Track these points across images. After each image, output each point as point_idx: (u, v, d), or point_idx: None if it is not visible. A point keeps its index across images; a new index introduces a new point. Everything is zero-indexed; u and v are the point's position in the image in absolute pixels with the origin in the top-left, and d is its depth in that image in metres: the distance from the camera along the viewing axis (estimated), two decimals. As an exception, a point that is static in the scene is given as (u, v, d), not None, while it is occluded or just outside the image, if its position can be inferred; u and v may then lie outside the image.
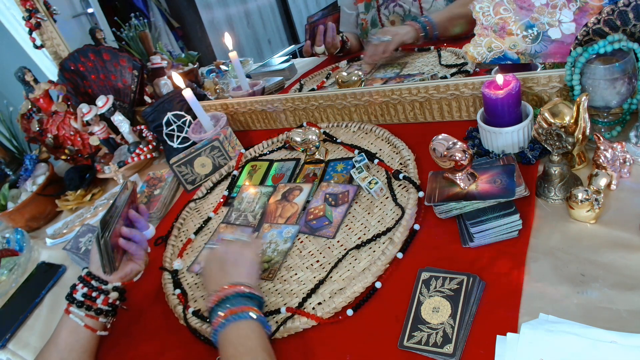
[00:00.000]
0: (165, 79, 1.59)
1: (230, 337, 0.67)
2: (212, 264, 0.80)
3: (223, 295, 0.72)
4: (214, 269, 0.79)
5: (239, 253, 0.80)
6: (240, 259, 0.79)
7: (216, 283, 0.75)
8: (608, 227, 0.68)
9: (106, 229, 0.80)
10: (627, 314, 0.57)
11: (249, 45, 1.98)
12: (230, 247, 0.82)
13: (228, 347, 0.67)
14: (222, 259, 0.80)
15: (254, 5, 2.00)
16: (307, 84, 1.47)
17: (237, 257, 0.79)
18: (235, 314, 0.69)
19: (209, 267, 0.81)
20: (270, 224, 0.96)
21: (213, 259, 0.81)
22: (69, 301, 0.81)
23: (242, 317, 0.68)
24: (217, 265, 0.79)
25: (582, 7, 0.84)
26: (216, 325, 0.69)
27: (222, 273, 0.77)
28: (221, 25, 1.99)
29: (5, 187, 1.43)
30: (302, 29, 1.89)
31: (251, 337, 0.66)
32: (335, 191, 0.95)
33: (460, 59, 1.21)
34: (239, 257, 0.79)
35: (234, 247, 0.82)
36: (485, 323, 0.63)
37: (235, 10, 2.03)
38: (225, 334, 0.68)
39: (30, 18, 1.54)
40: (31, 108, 1.51)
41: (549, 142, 0.73)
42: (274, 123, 1.32)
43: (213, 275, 0.78)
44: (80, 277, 0.83)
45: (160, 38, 1.94)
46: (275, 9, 1.94)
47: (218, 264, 0.79)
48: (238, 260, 0.79)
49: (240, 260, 0.79)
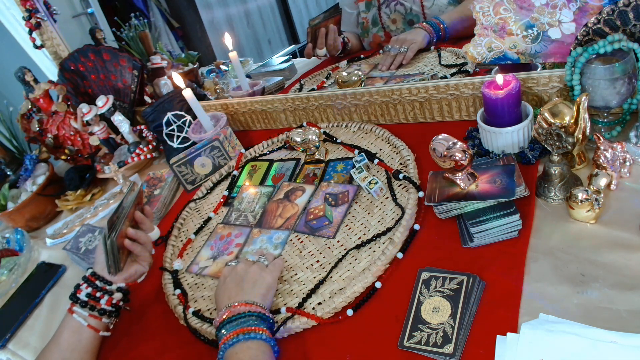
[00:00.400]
0: (165, 79, 1.59)
1: (239, 356, 0.66)
2: (230, 280, 0.79)
3: (236, 312, 0.71)
4: (230, 284, 0.78)
5: (259, 274, 0.79)
6: (259, 280, 0.78)
7: (229, 298, 0.74)
8: (608, 227, 0.68)
9: (113, 229, 0.81)
10: (627, 314, 0.57)
11: (249, 45, 1.98)
12: (252, 268, 0.80)
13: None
14: (240, 277, 0.78)
15: (254, 5, 2.00)
16: (307, 84, 1.47)
17: (257, 278, 0.78)
18: (247, 333, 0.68)
19: (225, 281, 0.79)
20: (260, 229, 0.96)
21: (232, 274, 0.80)
22: (73, 301, 0.81)
23: (254, 337, 0.67)
24: (234, 281, 0.78)
25: (582, 7, 0.84)
26: (226, 340, 0.68)
27: (238, 290, 0.76)
28: (221, 25, 1.99)
29: (5, 187, 1.43)
30: (302, 29, 1.89)
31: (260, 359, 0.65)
32: (335, 191, 0.95)
33: (460, 59, 1.21)
34: (258, 279, 0.78)
35: (255, 268, 0.80)
36: (485, 323, 0.63)
37: (235, 10, 2.03)
38: (235, 352, 0.66)
39: (30, 18, 1.54)
40: (31, 108, 1.51)
41: (549, 142, 0.73)
42: (274, 123, 1.32)
43: (227, 290, 0.77)
44: (85, 277, 0.83)
45: (160, 38, 1.94)
46: (275, 9, 1.94)
47: (236, 280, 0.78)
48: (257, 281, 0.77)
49: (259, 282, 0.77)
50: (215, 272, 0.91)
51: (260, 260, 0.83)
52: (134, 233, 0.85)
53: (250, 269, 0.80)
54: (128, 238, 0.84)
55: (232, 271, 0.80)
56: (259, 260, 0.83)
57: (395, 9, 1.43)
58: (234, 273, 0.80)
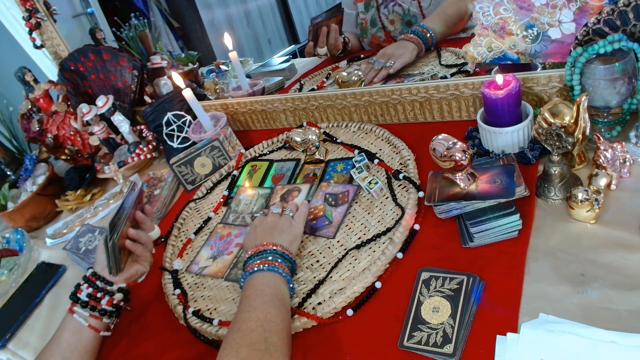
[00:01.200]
0: (165, 79, 1.59)
1: (254, 282, 0.72)
2: (260, 227, 0.84)
3: (262, 249, 0.77)
4: (259, 230, 0.84)
5: (287, 226, 0.84)
6: (287, 230, 0.83)
7: (259, 239, 0.81)
8: (608, 227, 0.68)
9: (114, 230, 0.81)
10: (627, 314, 0.57)
11: (249, 45, 1.98)
12: (281, 220, 0.85)
13: (248, 288, 0.71)
14: (271, 227, 0.84)
15: (254, 5, 2.00)
16: (307, 84, 1.47)
17: (285, 229, 0.83)
18: (267, 265, 0.74)
19: (256, 230, 0.85)
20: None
21: (263, 224, 0.85)
22: (73, 301, 0.81)
23: (272, 269, 0.74)
24: (264, 229, 0.83)
25: (582, 7, 0.84)
26: (247, 270, 0.75)
27: (267, 235, 0.81)
28: (221, 25, 1.99)
29: (5, 187, 1.43)
30: (302, 29, 1.89)
31: (271, 286, 0.71)
32: (335, 191, 0.95)
33: (460, 59, 1.21)
34: (286, 229, 0.83)
35: (284, 220, 0.85)
36: (485, 323, 0.63)
37: (235, 10, 2.03)
38: (251, 279, 0.73)
39: (30, 18, 1.54)
40: (31, 108, 1.51)
41: (549, 142, 0.73)
42: (274, 123, 1.32)
43: (258, 235, 0.83)
44: (85, 277, 0.83)
45: (160, 38, 1.94)
46: (275, 9, 1.94)
47: (266, 229, 0.83)
48: (285, 231, 0.83)
49: (286, 231, 0.83)
50: (215, 272, 0.91)
51: (286, 213, 0.88)
52: (135, 233, 0.85)
53: (280, 221, 0.85)
54: (129, 238, 0.84)
55: (263, 221, 0.86)
56: (284, 212, 0.88)
57: (393, 9, 1.43)
58: (264, 223, 0.85)
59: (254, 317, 0.65)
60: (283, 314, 0.67)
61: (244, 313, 0.67)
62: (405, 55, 1.26)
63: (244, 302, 0.69)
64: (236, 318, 0.67)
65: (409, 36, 1.29)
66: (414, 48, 1.27)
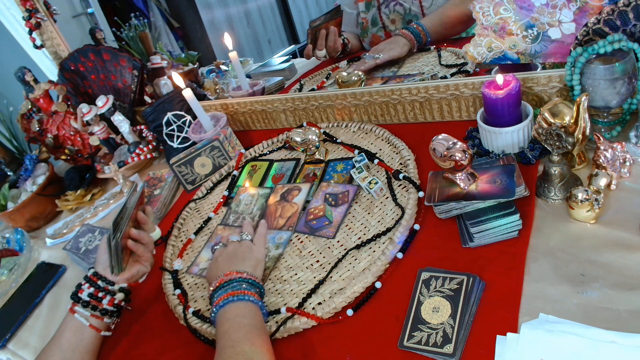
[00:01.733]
0: (165, 79, 1.59)
1: (227, 315, 0.70)
2: (220, 258, 0.83)
3: (227, 279, 0.75)
4: (220, 261, 0.83)
5: (248, 251, 0.83)
6: (248, 255, 0.82)
7: (222, 270, 0.79)
8: (608, 227, 0.68)
9: (118, 229, 0.81)
10: (627, 314, 0.57)
11: (249, 45, 1.98)
12: (241, 247, 0.85)
13: (224, 323, 0.69)
14: (231, 254, 0.83)
15: (254, 5, 2.00)
16: (307, 84, 1.47)
17: (246, 254, 0.82)
18: (235, 295, 0.72)
19: (216, 260, 0.84)
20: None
21: (223, 254, 0.84)
22: (74, 300, 0.81)
23: (242, 298, 0.72)
24: (225, 259, 0.82)
25: (582, 7, 0.84)
26: (216, 304, 0.72)
27: (228, 264, 0.80)
28: (221, 25, 1.99)
29: (5, 187, 1.43)
30: (302, 29, 1.89)
31: (247, 316, 0.70)
32: (335, 191, 0.95)
33: (460, 59, 1.21)
34: (247, 254, 0.83)
35: (244, 247, 0.85)
36: (485, 323, 0.63)
37: (235, 10, 2.03)
38: (224, 312, 0.71)
39: (30, 18, 1.54)
40: (31, 108, 1.51)
41: (549, 142, 0.73)
42: (274, 123, 1.32)
43: (220, 266, 0.81)
44: (87, 277, 0.83)
45: (160, 38, 1.94)
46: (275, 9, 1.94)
47: (227, 258, 0.82)
48: (246, 256, 0.82)
49: (248, 257, 0.82)
50: (215, 272, 0.91)
51: (244, 238, 0.87)
52: (137, 234, 0.85)
53: (240, 248, 0.84)
54: (131, 238, 0.85)
55: (223, 252, 0.85)
56: (242, 238, 0.88)
57: (394, 9, 1.43)
58: (225, 253, 0.84)
59: (240, 351, 0.63)
60: (266, 342, 0.66)
61: (227, 349, 0.64)
62: (395, 49, 1.30)
63: (224, 337, 0.67)
64: (220, 355, 0.64)
65: (403, 32, 1.32)
66: (405, 43, 1.30)
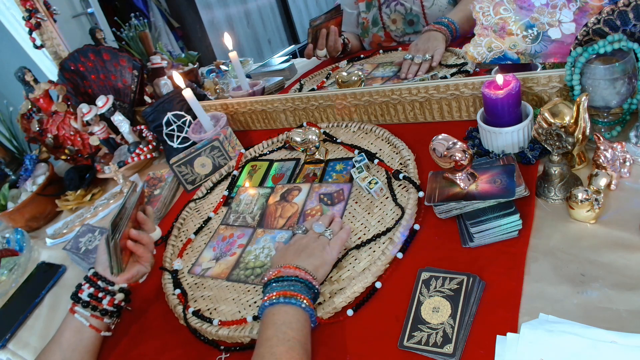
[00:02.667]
0: (165, 79, 1.59)
1: (275, 319, 0.66)
2: (292, 247, 0.79)
3: (285, 273, 0.72)
4: (290, 250, 0.79)
5: (320, 249, 0.78)
6: (317, 254, 0.77)
7: (284, 260, 0.76)
8: (608, 227, 0.68)
9: (116, 231, 0.81)
10: (627, 314, 0.57)
11: (249, 45, 1.99)
12: (316, 242, 0.80)
13: (269, 327, 0.66)
14: (302, 247, 0.78)
15: (254, 5, 2.00)
16: (307, 84, 1.47)
17: (316, 252, 0.77)
18: (289, 297, 0.68)
19: (288, 248, 0.80)
20: (264, 230, 0.96)
21: (296, 243, 0.80)
22: (75, 301, 0.81)
23: (295, 303, 0.68)
24: (295, 249, 0.79)
25: (582, 7, 0.84)
26: (268, 299, 0.69)
27: (295, 256, 0.76)
28: (221, 25, 1.99)
29: (5, 187, 1.43)
30: (302, 29, 1.89)
31: (294, 328, 0.65)
32: (328, 191, 0.95)
33: (460, 59, 1.21)
34: (317, 252, 0.77)
35: (319, 243, 0.79)
36: (485, 323, 0.63)
37: (235, 10, 2.03)
38: (272, 313, 0.67)
39: (30, 18, 1.54)
40: (31, 108, 1.51)
41: (549, 142, 0.73)
42: (274, 123, 1.32)
43: (286, 255, 0.78)
44: (87, 277, 0.83)
45: (160, 38, 1.94)
46: (275, 9, 1.94)
47: (297, 249, 0.78)
48: (315, 254, 0.77)
49: (316, 255, 0.77)
50: (218, 274, 0.91)
51: (326, 234, 0.81)
52: (137, 234, 0.85)
53: (314, 242, 0.79)
54: (130, 239, 0.84)
55: (298, 240, 0.81)
56: (324, 233, 0.82)
57: (395, 9, 1.43)
58: (298, 242, 0.80)
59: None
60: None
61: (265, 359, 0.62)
62: (440, 46, 1.24)
63: (265, 345, 0.63)
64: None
65: (436, 27, 1.27)
66: (443, 38, 1.26)
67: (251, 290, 0.84)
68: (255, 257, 0.90)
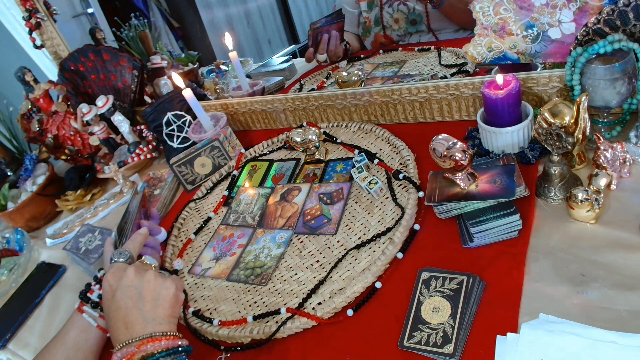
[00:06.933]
0: (165, 79, 1.59)
1: None
2: (121, 296, 0.62)
3: (145, 354, 0.56)
4: (122, 303, 0.61)
5: (159, 284, 0.63)
6: (161, 292, 0.62)
7: (128, 328, 0.59)
8: (608, 227, 0.68)
9: (122, 234, 0.81)
10: (627, 314, 0.57)
11: (249, 45, 1.98)
12: (146, 275, 0.64)
13: None
14: (135, 292, 0.62)
15: (254, 5, 2.00)
16: (307, 84, 1.47)
17: (157, 290, 0.62)
18: None
19: (115, 298, 0.62)
20: (263, 229, 0.96)
21: (121, 287, 0.63)
22: (84, 300, 0.81)
23: None
24: (128, 298, 0.62)
25: (582, 7, 0.84)
26: None
27: (136, 313, 0.60)
28: (221, 25, 1.99)
29: (5, 187, 1.43)
30: (302, 29, 1.89)
31: None
32: (328, 190, 0.95)
33: (460, 59, 1.21)
34: (158, 290, 0.62)
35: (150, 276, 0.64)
36: (485, 323, 0.63)
37: (235, 10, 2.03)
38: None
39: (30, 18, 1.54)
40: (31, 108, 1.51)
41: (549, 142, 0.73)
42: (274, 123, 1.32)
43: (122, 313, 0.60)
44: (96, 277, 0.84)
45: (160, 38, 1.94)
46: (275, 9, 1.94)
47: (130, 297, 0.62)
48: (159, 294, 0.62)
49: (161, 295, 0.62)
50: (218, 274, 0.91)
51: (147, 261, 0.68)
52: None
53: (145, 277, 0.64)
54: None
55: (120, 282, 0.63)
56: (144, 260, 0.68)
57: (397, 8, 1.43)
58: (123, 286, 0.63)
59: None
60: None
61: None
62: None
63: None
64: None
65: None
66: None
67: (251, 290, 0.84)
68: (255, 257, 0.90)
